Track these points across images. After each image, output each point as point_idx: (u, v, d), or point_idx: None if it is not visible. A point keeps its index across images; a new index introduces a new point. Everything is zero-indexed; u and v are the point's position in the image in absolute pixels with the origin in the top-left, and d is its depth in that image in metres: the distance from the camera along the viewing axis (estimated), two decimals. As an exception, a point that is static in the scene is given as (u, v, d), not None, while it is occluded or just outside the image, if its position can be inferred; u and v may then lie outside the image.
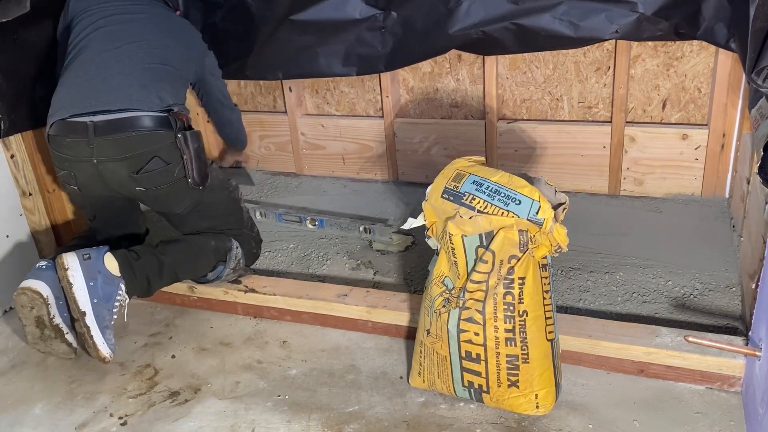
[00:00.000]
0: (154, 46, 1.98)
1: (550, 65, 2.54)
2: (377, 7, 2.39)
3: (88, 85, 1.88)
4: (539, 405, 1.51)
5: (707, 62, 2.34)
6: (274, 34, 2.58)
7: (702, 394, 1.56)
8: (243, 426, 1.60)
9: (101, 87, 1.87)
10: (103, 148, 1.82)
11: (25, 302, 1.76)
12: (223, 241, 2.01)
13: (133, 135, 1.82)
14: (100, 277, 1.78)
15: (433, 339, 1.55)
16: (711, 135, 2.37)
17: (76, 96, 1.87)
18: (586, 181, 2.61)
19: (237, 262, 2.04)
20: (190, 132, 1.89)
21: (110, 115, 1.82)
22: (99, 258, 1.80)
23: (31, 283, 1.77)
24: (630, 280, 2.01)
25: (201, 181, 1.92)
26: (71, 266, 1.76)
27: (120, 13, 2.03)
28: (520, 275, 1.44)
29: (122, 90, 1.86)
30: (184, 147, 1.87)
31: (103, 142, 1.82)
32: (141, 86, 1.88)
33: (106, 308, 1.79)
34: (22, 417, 1.70)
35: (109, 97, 1.85)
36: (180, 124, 1.88)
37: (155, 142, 1.84)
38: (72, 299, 1.75)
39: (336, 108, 3.00)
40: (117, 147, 1.83)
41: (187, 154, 1.87)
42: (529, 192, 1.42)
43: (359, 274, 2.21)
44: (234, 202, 2.11)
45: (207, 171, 1.94)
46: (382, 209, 2.67)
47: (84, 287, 1.76)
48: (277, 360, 1.84)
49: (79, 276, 1.75)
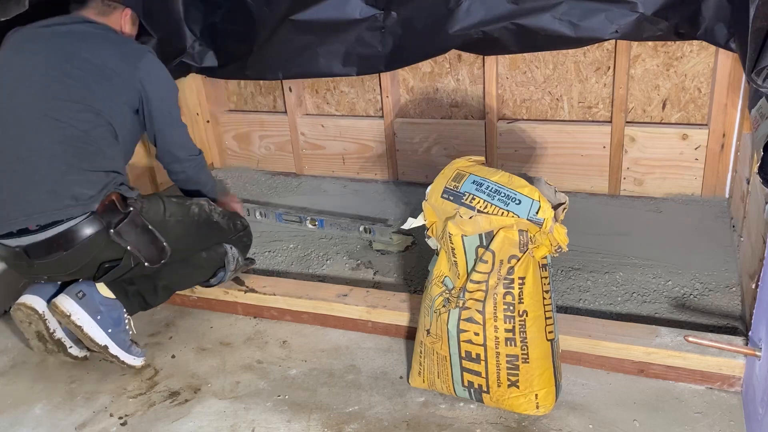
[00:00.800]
0: (52, 115, 1.66)
1: (550, 65, 2.54)
2: (377, 7, 2.39)
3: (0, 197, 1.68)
4: (539, 405, 1.51)
5: (707, 62, 2.34)
6: (274, 34, 2.58)
7: (702, 394, 1.56)
8: (243, 426, 1.60)
9: (13, 199, 1.66)
10: (47, 268, 1.71)
11: (22, 318, 1.76)
12: (214, 251, 1.96)
13: (66, 254, 1.66)
14: (104, 308, 1.74)
15: (433, 339, 1.55)
16: (711, 135, 2.37)
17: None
18: (586, 181, 2.61)
19: (236, 263, 2.01)
20: (123, 225, 1.69)
21: (33, 237, 1.65)
22: (93, 290, 1.74)
23: (27, 298, 1.75)
24: (630, 280, 2.01)
25: (158, 259, 1.76)
26: (72, 310, 1.70)
27: (6, 78, 1.73)
28: (520, 275, 1.44)
29: (33, 202, 1.64)
30: (123, 241, 1.70)
31: (43, 264, 1.69)
32: (49, 192, 1.64)
33: (121, 331, 1.77)
34: (22, 417, 1.70)
35: (23, 211, 1.64)
36: (109, 217, 1.67)
37: (92, 250, 1.69)
38: (88, 339, 1.72)
39: (336, 108, 3.00)
40: (59, 266, 1.70)
41: (130, 245, 1.71)
42: (529, 192, 1.42)
43: (359, 274, 2.21)
44: (205, 226, 1.93)
45: (161, 245, 1.76)
46: (382, 209, 2.67)
47: (93, 324, 1.72)
48: (277, 360, 1.84)
49: (84, 316, 1.71)
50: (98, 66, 1.74)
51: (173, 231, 1.81)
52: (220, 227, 1.97)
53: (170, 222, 1.81)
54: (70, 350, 1.80)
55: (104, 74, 1.74)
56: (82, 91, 1.71)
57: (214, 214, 1.96)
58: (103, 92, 1.74)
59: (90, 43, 1.77)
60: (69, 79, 1.71)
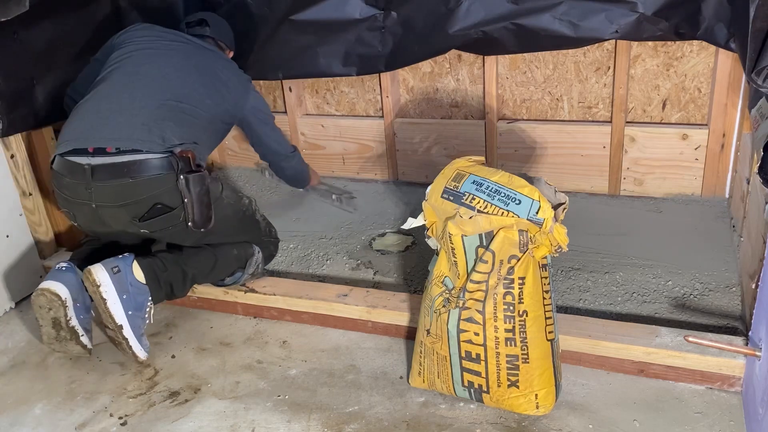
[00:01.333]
0: (171, 82, 1.92)
1: (550, 65, 2.54)
2: (377, 7, 2.39)
3: (95, 118, 1.82)
4: (539, 405, 1.51)
5: (707, 62, 2.34)
6: (274, 34, 2.58)
7: (702, 394, 1.56)
8: (243, 426, 1.60)
9: (107, 122, 1.80)
10: (102, 194, 1.76)
11: (43, 303, 1.76)
12: (244, 249, 2.02)
13: (131, 182, 1.74)
14: (132, 289, 1.77)
15: (433, 339, 1.55)
16: (711, 135, 2.37)
17: (81, 129, 1.81)
18: (586, 181, 2.61)
19: (256, 268, 2.05)
20: (193, 175, 1.78)
21: (108, 158, 1.74)
22: (128, 269, 1.78)
23: (51, 284, 1.77)
24: (630, 280, 2.01)
25: (202, 224, 1.83)
26: (103, 281, 1.73)
27: (152, 47, 2.00)
28: (520, 275, 1.44)
29: (125, 128, 1.78)
30: (186, 191, 1.78)
31: (102, 187, 1.75)
32: (144, 125, 1.79)
33: (140, 317, 1.80)
34: (22, 417, 1.70)
35: (111, 133, 1.77)
36: (182, 166, 1.78)
37: (155, 187, 1.76)
38: (107, 314, 1.74)
39: (336, 108, 3.00)
40: (116, 193, 1.76)
41: (188, 198, 1.78)
42: (529, 192, 1.42)
43: (359, 274, 2.21)
44: (248, 220, 2.06)
45: (210, 214, 1.84)
46: (382, 209, 2.67)
47: (118, 301, 1.75)
48: (277, 360, 1.84)
49: (112, 291, 1.74)
50: (223, 77, 2.08)
51: (223, 210, 1.91)
52: (258, 226, 2.10)
53: (223, 201, 1.92)
54: (81, 338, 1.82)
55: (224, 85, 2.07)
56: (207, 86, 2.00)
57: (257, 214, 2.11)
58: (219, 96, 2.03)
59: (219, 59, 2.14)
60: (201, 73, 2.01)
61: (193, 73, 1.99)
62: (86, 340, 1.84)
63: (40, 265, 2.29)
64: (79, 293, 1.82)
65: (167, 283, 1.86)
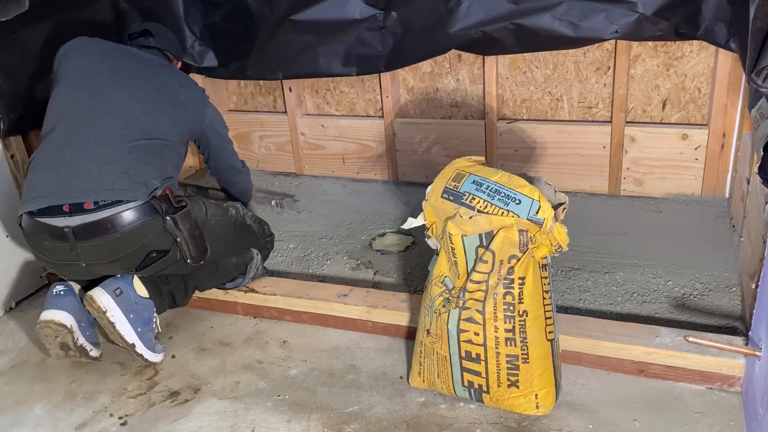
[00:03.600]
0: (136, 116, 1.77)
1: (550, 65, 2.54)
2: (377, 7, 2.39)
3: (63, 170, 1.67)
4: (539, 405, 1.51)
5: (707, 62, 2.34)
6: (274, 34, 2.58)
7: (702, 394, 1.56)
8: (243, 426, 1.60)
9: (78, 174, 1.66)
10: (90, 253, 1.67)
11: (49, 333, 1.75)
12: (243, 255, 2.01)
13: (119, 236, 1.64)
14: (137, 306, 1.76)
15: (433, 339, 1.55)
16: (711, 135, 2.37)
17: (51, 184, 1.66)
18: (586, 181, 2.61)
19: (256, 271, 2.05)
20: (179, 214, 1.71)
21: (88, 216, 1.63)
22: (130, 288, 1.76)
23: (53, 314, 1.74)
24: (630, 280, 2.01)
25: (200, 258, 1.78)
26: (108, 306, 1.71)
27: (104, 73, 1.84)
28: (520, 275, 1.44)
29: (101, 180, 1.65)
30: (176, 230, 1.70)
31: (88, 247, 1.65)
32: (123, 173, 1.67)
33: (149, 330, 1.80)
34: (22, 417, 1.70)
35: (87, 186, 1.64)
36: (166, 207, 1.69)
37: (144, 236, 1.68)
38: (117, 335, 1.74)
39: (336, 108, 3.00)
40: (105, 250, 1.67)
41: (180, 236, 1.71)
42: (529, 192, 1.42)
43: (359, 274, 2.21)
44: (240, 229, 1.99)
45: (205, 245, 1.79)
46: (382, 209, 2.67)
47: (126, 322, 1.74)
48: (277, 360, 1.84)
49: (119, 313, 1.73)
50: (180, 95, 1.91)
51: (214, 231, 1.84)
52: (252, 230, 2.05)
53: (211, 222, 1.85)
54: (90, 353, 1.81)
55: (181, 103, 1.91)
56: (165, 107, 1.84)
57: (246, 218, 2.03)
58: (178, 116, 1.88)
59: (172, 74, 1.99)
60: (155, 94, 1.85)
61: (154, 99, 1.84)
62: (95, 353, 1.83)
63: (40, 265, 2.29)
64: (81, 314, 1.79)
65: (169, 294, 1.87)
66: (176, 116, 1.87)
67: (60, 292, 1.79)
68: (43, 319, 1.74)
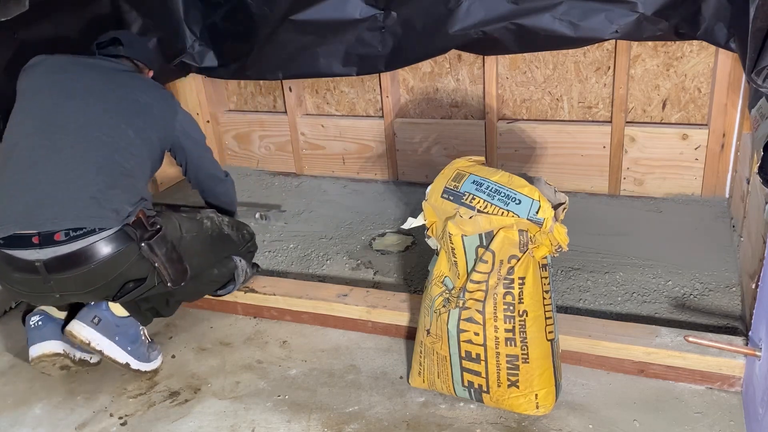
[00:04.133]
0: (98, 128, 1.68)
1: (550, 65, 2.54)
2: (377, 7, 2.39)
3: (28, 195, 1.58)
4: (539, 405, 1.51)
5: (707, 62, 2.34)
6: (274, 34, 2.58)
7: (702, 394, 1.56)
8: (243, 426, 1.60)
9: (45, 200, 1.57)
10: (64, 285, 1.60)
11: (46, 365, 1.74)
12: (225, 265, 1.95)
13: (93, 267, 1.57)
14: (120, 329, 1.73)
15: (433, 339, 1.55)
16: (711, 135, 2.37)
17: (14, 209, 1.57)
18: (586, 181, 2.61)
19: (245, 275, 2.01)
20: (155, 240, 1.64)
21: (59, 248, 1.54)
22: (106, 313, 1.72)
23: (42, 348, 1.71)
24: (630, 280, 2.01)
25: (181, 279, 1.72)
26: (91, 338, 1.68)
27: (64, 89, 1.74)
28: (520, 275, 1.44)
29: (70, 207, 1.57)
30: (153, 256, 1.64)
31: (62, 279, 1.58)
32: (92, 199, 1.58)
33: (139, 344, 1.78)
34: (22, 417, 1.70)
35: (55, 214, 1.55)
36: (140, 233, 1.62)
37: (120, 265, 1.61)
38: (109, 359, 1.72)
39: (336, 108, 3.00)
40: (79, 282, 1.60)
41: (158, 261, 1.65)
42: (529, 191, 1.42)
43: (359, 274, 2.21)
44: (218, 240, 1.91)
45: (184, 266, 1.73)
46: (382, 209, 2.67)
47: (113, 346, 1.72)
48: (277, 360, 1.84)
49: (103, 340, 1.70)
50: (143, 101, 1.80)
51: (190, 248, 1.78)
52: (230, 239, 1.97)
53: (186, 239, 1.78)
54: (90, 361, 1.81)
55: (147, 110, 1.80)
56: (129, 117, 1.75)
57: (224, 226, 1.95)
58: (145, 124, 1.78)
59: (136, 80, 1.86)
60: (126, 108, 1.76)
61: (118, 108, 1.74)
62: (95, 359, 1.81)
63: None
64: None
65: (150, 309, 1.82)
66: (143, 124, 1.77)
67: (38, 323, 1.74)
68: (35, 356, 1.71)
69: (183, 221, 1.81)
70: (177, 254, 1.71)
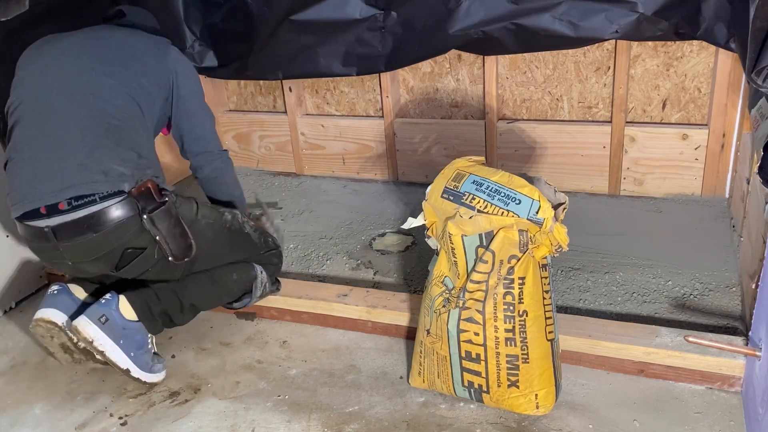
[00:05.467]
0: (87, 91, 1.66)
1: (550, 65, 2.54)
2: (377, 7, 2.39)
3: (28, 172, 1.63)
4: (539, 405, 1.51)
5: (707, 62, 2.34)
6: (274, 34, 2.57)
7: (702, 394, 1.56)
8: (243, 426, 1.60)
9: (41, 174, 1.61)
10: (72, 252, 1.64)
11: (43, 333, 1.73)
12: (246, 271, 1.88)
13: (95, 236, 1.59)
14: (126, 332, 1.70)
15: (433, 339, 1.55)
16: (711, 135, 2.37)
17: (22, 188, 1.64)
18: (586, 181, 2.61)
19: (263, 289, 1.92)
20: (157, 212, 1.63)
21: (65, 216, 1.58)
22: (115, 314, 1.69)
23: (44, 313, 1.72)
24: (630, 280, 2.01)
25: (184, 255, 1.70)
26: (94, 336, 1.65)
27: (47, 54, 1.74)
28: (520, 275, 1.44)
29: (60, 178, 1.59)
30: (154, 229, 1.63)
31: (70, 247, 1.62)
32: (80, 165, 1.60)
33: (144, 352, 1.74)
34: (22, 417, 1.70)
35: (52, 186, 1.59)
36: (143, 204, 1.62)
37: (120, 236, 1.62)
38: (110, 362, 1.68)
39: (336, 108, 3.00)
40: (85, 250, 1.63)
41: (159, 235, 1.65)
42: (529, 191, 1.42)
43: (359, 274, 2.21)
44: (236, 236, 1.88)
45: (189, 242, 1.71)
46: (382, 209, 2.67)
47: (116, 348, 1.68)
48: (277, 360, 1.84)
49: (107, 341, 1.67)
50: (131, 48, 1.77)
51: (203, 233, 1.76)
52: (250, 239, 1.92)
53: (201, 222, 1.77)
54: (97, 356, 1.74)
55: (135, 56, 1.77)
56: (116, 68, 1.72)
57: (246, 226, 1.91)
58: (136, 72, 1.74)
59: (122, 32, 1.83)
60: (103, 57, 1.73)
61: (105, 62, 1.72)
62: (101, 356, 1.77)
63: (40, 264, 2.29)
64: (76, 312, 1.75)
65: (163, 313, 1.77)
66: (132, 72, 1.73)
67: (54, 291, 1.78)
68: (34, 318, 1.73)
69: (202, 207, 1.80)
70: (181, 229, 1.70)
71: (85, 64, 1.71)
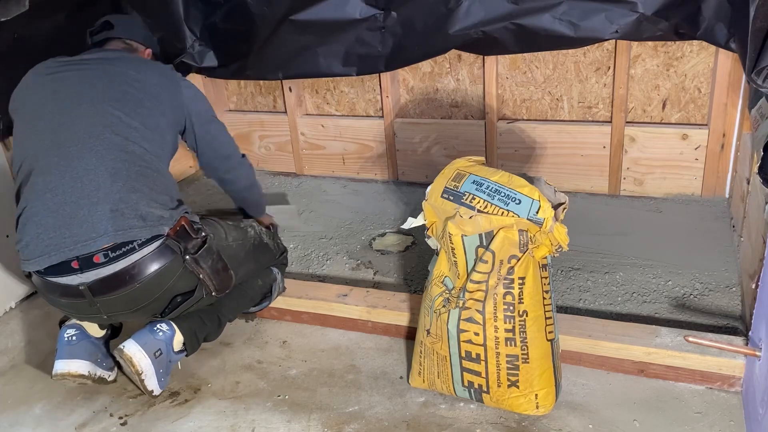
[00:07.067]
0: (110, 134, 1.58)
1: (550, 65, 2.54)
2: (377, 7, 2.39)
3: (50, 221, 1.51)
4: (539, 405, 1.51)
5: (707, 62, 2.34)
6: (274, 34, 2.57)
7: (702, 394, 1.56)
8: (243, 426, 1.60)
9: (69, 222, 1.50)
10: (111, 306, 1.55)
11: (70, 383, 1.72)
12: (267, 276, 1.92)
13: (138, 286, 1.52)
14: (171, 364, 1.69)
15: (433, 339, 1.55)
16: (711, 135, 2.37)
17: (42, 238, 1.51)
18: (586, 181, 2.61)
19: (278, 290, 1.96)
20: (200, 252, 1.58)
21: (102, 270, 1.49)
22: (169, 348, 1.66)
23: (70, 365, 1.66)
24: (630, 280, 2.01)
25: (226, 288, 1.68)
26: (146, 370, 1.61)
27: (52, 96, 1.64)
28: (520, 275, 1.44)
29: (95, 223, 1.49)
30: (198, 269, 1.58)
31: (108, 301, 1.53)
32: (114, 211, 1.50)
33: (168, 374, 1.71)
34: (22, 417, 1.70)
35: (80, 237, 1.49)
36: (184, 245, 1.55)
37: (166, 281, 1.55)
38: (142, 385, 1.64)
39: (336, 108, 3.00)
40: (126, 302, 1.54)
41: (203, 274, 1.59)
42: (529, 191, 1.42)
43: (359, 274, 2.21)
44: (260, 249, 1.87)
45: (230, 274, 1.67)
46: (382, 209, 2.67)
47: (154, 377, 1.64)
48: (277, 360, 1.84)
49: (152, 372, 1.63)
50: (144, 86, 1.70)
51: (237, 256, 1.73)
52: (269, 249, 1.93)
53: (233, 246, 1.73)
54: (108, 380, 1.76)
55: (151, 93, 1.70)
56: (136, 108, 1.65)
57: (263, 236, 1.91)
58: (154, 112, 1.69)
59: (129, 65, 1.74)
60: (121, 97, 1.64)
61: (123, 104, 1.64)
62: (112, 377, 1.77)
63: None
64: (96, 353, 1.72)
65: (204, 334, 1.75)
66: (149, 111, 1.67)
67: (72, 338, 1.69)
68: (59, 372, 1.65)
69: (228, 228, 1.75)
70: (223, 263, 1.66)
71: (106, 105, 1.62)
